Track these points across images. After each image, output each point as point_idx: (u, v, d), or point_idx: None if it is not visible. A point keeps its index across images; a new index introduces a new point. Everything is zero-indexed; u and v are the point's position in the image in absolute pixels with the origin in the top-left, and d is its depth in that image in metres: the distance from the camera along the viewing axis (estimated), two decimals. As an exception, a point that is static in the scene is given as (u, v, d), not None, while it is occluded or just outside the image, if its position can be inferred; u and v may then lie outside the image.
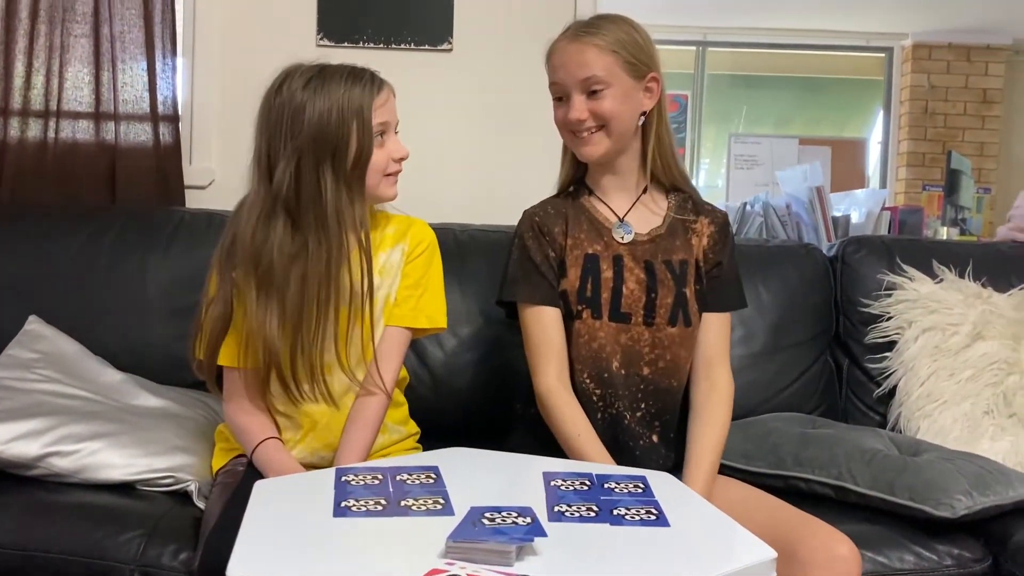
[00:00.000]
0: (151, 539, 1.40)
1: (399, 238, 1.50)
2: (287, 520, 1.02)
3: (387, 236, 1.50)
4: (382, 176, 1.43)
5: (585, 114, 1.46)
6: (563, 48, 1.48)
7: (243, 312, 1.38)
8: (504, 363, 1.93)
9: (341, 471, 1.17)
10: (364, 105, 1.38)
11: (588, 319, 1.49)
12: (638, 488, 1.16)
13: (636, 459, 1.48)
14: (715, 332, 1.54)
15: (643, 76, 1.48)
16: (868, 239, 2.22)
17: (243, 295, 1.38)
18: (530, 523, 0.97)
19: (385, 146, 1.42)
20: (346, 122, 1.37)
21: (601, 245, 1.51)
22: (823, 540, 1.28)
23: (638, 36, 1.48)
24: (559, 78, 1.49)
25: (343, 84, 1.38)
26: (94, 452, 1.51)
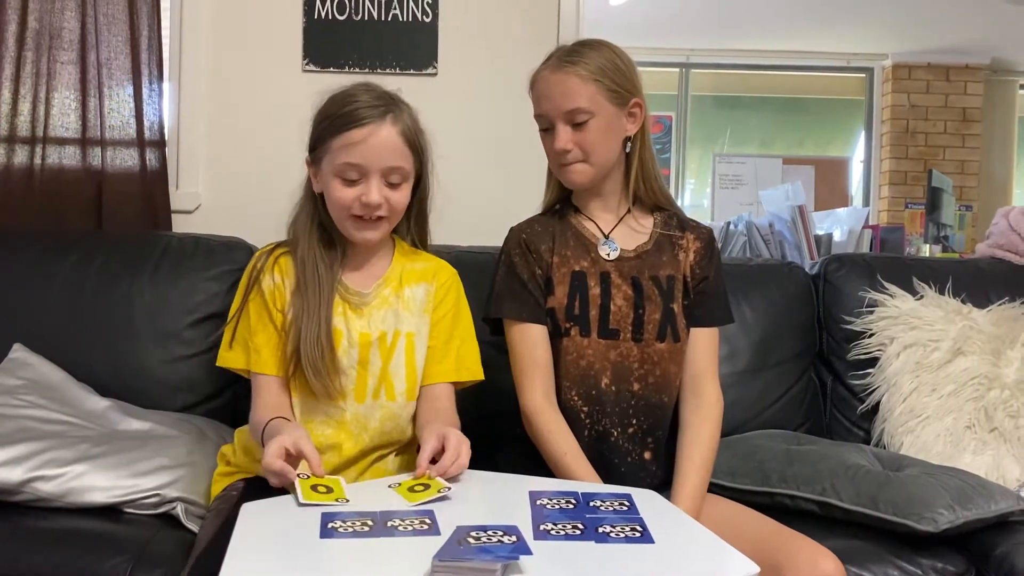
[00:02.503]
0: (138, 564, 1.39)
1: (425, 277, 1.52)
2: (274, 541, 1.02)
3: (415, 271, 1.52)
4: (347, 216, 1.42)
5: (570, 144, 1.48)
6: (546, 78, 1.50)
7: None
8: (489, 383, 1.93)
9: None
10: (339, 124, 1.39)
11: (576, 336, 1.50)
12: (623, 506, 1.17)
13: (622, 476, 1.49)
14: (703, 347, 1.55)
15: (626, 102, 1.50)
16: (850, 257, 2.24)
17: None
18: (515, 541, 0.97)
19: (356, 187, 1.40)
20: (321, 137, 1.42)
21: (588, 262, 1.52)
22: (808, 557, 1.29)
23: (620, 62, 1.50)
24: (543, 109, 1.51)
25: (351, 95, 1.41)
26: (79, 475, 1.51)
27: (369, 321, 1.47)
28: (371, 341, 1.45)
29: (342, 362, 1.43)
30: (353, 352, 1.44)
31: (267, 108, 2.34)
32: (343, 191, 1.39)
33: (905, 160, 6.21)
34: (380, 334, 1.46)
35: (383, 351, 1.45)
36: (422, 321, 1.49)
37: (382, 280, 1.49)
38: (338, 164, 1.39)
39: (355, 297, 1.46)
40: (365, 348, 1.44)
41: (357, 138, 1.37)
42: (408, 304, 1.48)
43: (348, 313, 1.46)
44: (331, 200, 1.42)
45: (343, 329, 1.44)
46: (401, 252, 1.53)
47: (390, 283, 1.48)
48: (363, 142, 1.37)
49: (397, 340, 1.46)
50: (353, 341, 1.44)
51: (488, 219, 2.27)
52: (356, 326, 1.45)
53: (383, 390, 1.45)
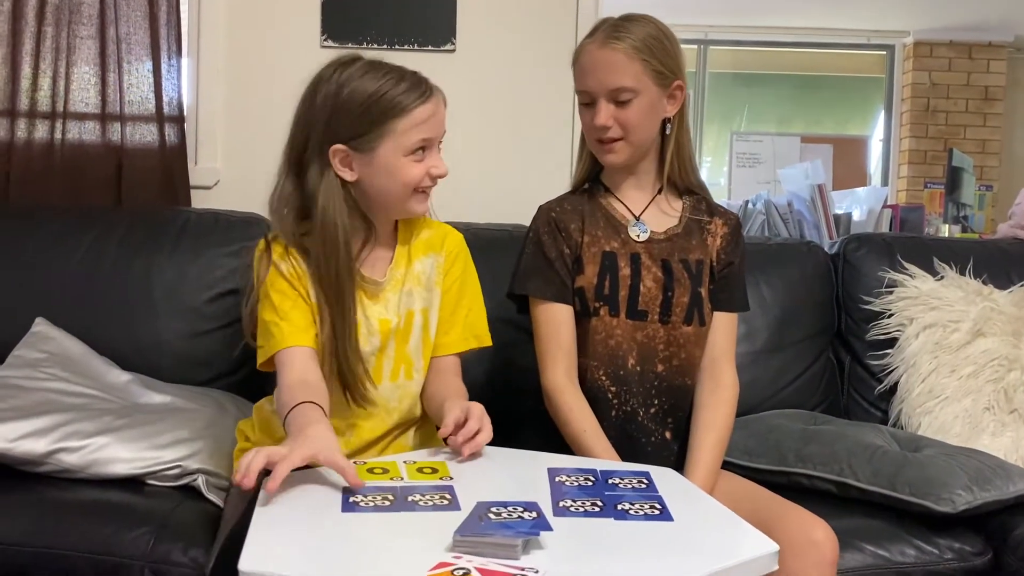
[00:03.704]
0: (160, 535, 1.41)
1: (433, 247, 1.49)
2: (296, 516, 1.03)
3: (421, 242, 1.48)
4: (412, 192, 1.38)
5: (611, 121, 1.47)
6: (591, 53, 1.48)
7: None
8: (510, 361, 1.94)
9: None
10: (401, 107, 1.33)
11: (605, 316, 1.50)
12: (642, 483, 1.18)
13: (647, 455, 1.49)
14: (722, 331, 1.56)
15: (669, 84, 1.49)
16: (869, 237, 2.23)
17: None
18: (536, 518, 0.98)
19: (424, 161, 1.37)
20: (374, 122, 1.33)
21: (618, 243, 1.52)
22: (799, 525, 1.30)
23: (666, 41, 1.49)
24: (587, 85, 1.49)
25: (386, 78, 1.34)
26: (102, 447, 1.52)
27: (386, 306, 1.43)
28: (391, 329, 1.43)
29: (364, 350, 1.40)
30: (374, 339, 1.42)
31: (285, 84, 2.30)
32: (416, 169, 1.36)
33: (925, 139, 6.15)
34: (398, 319, 1.43)
35: (398, 334, 1.44)
36: (433, 294, 1.47)
37: (393, 263, 1.46)
38: (411, 143, 1.34)
39: (371, 286, 1.42)
40: (385, 335, 1.43)
41: (427, 113, 1.35)
42: (418, 279, 1.46)
43: (364, 300, 1.42)
44: (398, 180, 1.35)
45: (362, 317, 1.41)
46: (405, 226, 1.48)
47: (400, 263, 1.46)
48: (433, 115, 1.36)
49: (412, 320, 1.45)
50: (373, 329, 1.42)
51: (505, 196, 2.30)
52: (374, 313, 1.43)
53: (401, 370, 1.45)
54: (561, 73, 2.38)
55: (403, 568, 0.85)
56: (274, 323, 1.36)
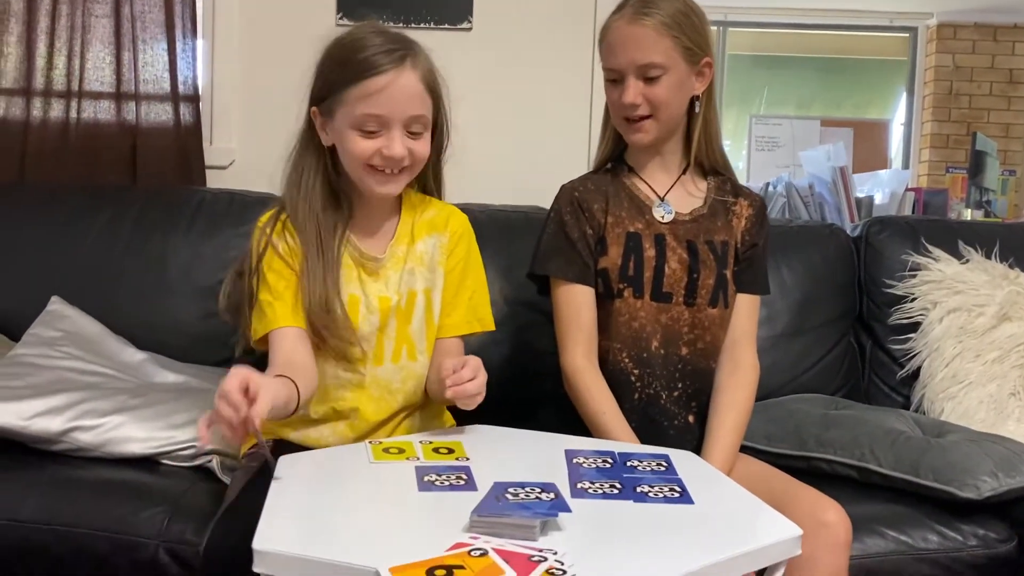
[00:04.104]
0: (174, 515, 1.40)
1: (436, 227, 1.46)
2: (310, 495, 1.02)
3: (425, 221, 1.45)
4: (364, 169, 1.33)
5: (640, 99, 1.44)
6: (620, 29, 1.45)
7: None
8: (526, 343, 1.93)
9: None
10: (353, 74, 1.29)
11: (629, 298, 1.47)
12: (661, 466, 1.16)
13: (670, 439, 1.46)
14: (744, 313, 1.53)
15: (698, 61, 1.46)
16: (892, 219, 2.19)
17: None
18: (554, 499, 0.96)
19: (377, 138, 1.31)
20: (333, 86, 1.31)
21: (643, 223, 1.50)
22: (811, 506, 1.28)
23: (695, 17, 1.46)
24: (615, 62, 1.46)
25: (359, 42, 1.30)
26: (117, 426, 1.52)
27: (387, 284, 1.40)
28: (391, 307, 1.39)
29: (362, 329, 1.38)
30: (373, 318, 1.39)
31: (301, 63, 2.29)
32: (362, 144, 1.30)
33: (947, 123, 6.06)
34: (399, 297, 1.41)
35: (400, 313, 1.42)
36: (436, 275, 1.43)
37: (394, 239, 1.43)
38: (357, 116, 1.29)
39: (370, 262, 1.39)
40: (385, 313, 1.40)
41: (377, 87, 1.28)
42: (421, 259, 1.43)
43: (364, 278, 1.39)
44: (348, 154, 1.34)
45: (360, 295, 1.38)
46: (409, 204, 1.45)
47: (402, 240, 1.43)
48: (384, 91, 1.28)
49: (414, 300, 1.42)
50: (372, 307, 1.39)
51: (522, 178, 2.28)
52: (374, 290, 1.39)
53: (404, 351, 1.42)
54: (579, 51, 2.36)
55: (420, 548, 0.84)
56: (267, 303, 1.34)
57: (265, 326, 1.33)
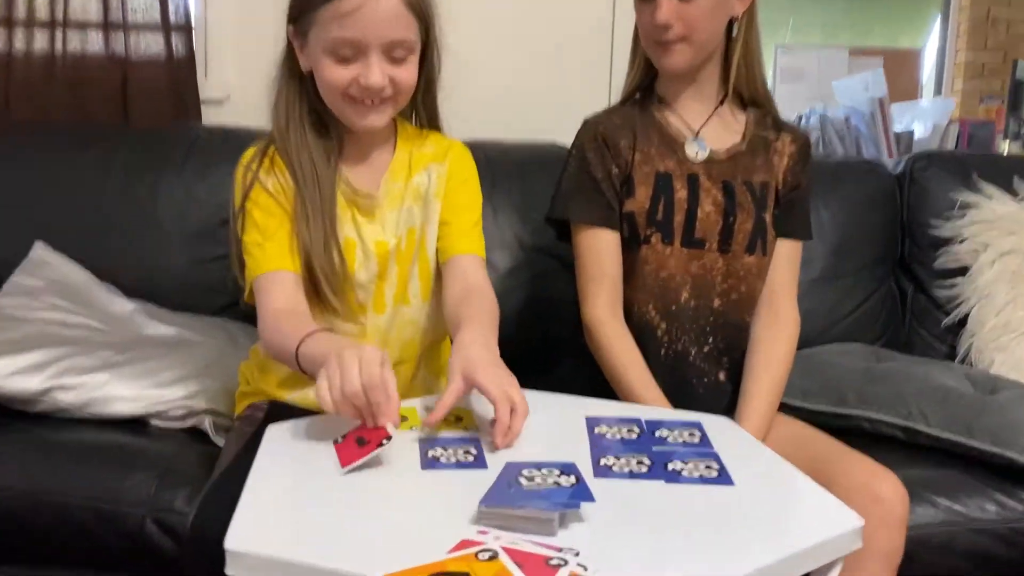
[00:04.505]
0: (163, 482, 1.30)
1: (436, 159, 1.31)
2: (295, 479, 0.90)
3: (423, 155, 1.31)
4: (341, 98, 1.18)
5: (674, 18, 1.29)
6: None
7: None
8: (543, 292, 1.81)
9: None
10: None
11: (657, 244, 1.35)
12: (693, 436, 1.03)
13: (699, 398, 1.36)
14: (784, 261, 1.40)
15: None
16: (939, 154, 2.04)
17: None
18: (575, 484, 0.84)
19: (352, 65, 1.16)
20: (305, 5, 1.17)
21: (674, 162, 1.36)
22: (864, 477, 1.17)
23: None
24: None
25: None
26: (101, 385, 1.41)
27: (384, 226, 1.27)
28: (389, 251, 1.27)
29: (359, 277, 1.25)
30: (371, 265, 1.26)
31: (299, -12, 2.15)
32: (337, 71, 1.16)
33: (983, 51, 5.76)
34: (397, 240, 1.27)
35: (399, 256, 1.28)
36: (432, 208, 1.28)
37: (388, 174, 1.28)
38: (329, 40, 1.15)
39: (364, 200, 1.25)
40: (383, 258, 1.27)
41: (350, 6, 1.13)
42: (417, 193, 1.29)
43: (359, 219, 1.26)
44: (323, 83, 1.19)
45: (355, 238, 1.24)
46: (405, 137, 1.31)
47: (398, 176, 1.28)
48: (358, 11, 1.13)
49: (414, 239, 1.29)
50: (369, 252, 1.26)
51: (537, 111, 2.11)
52: (370, 233, 1.27)
53: (401, 296, 1.30)
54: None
55: (419, 546, 0.72)
56: (256, 244, 1.21)
57: (255, 269, 1.20)
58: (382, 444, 0.92)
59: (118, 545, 1.28)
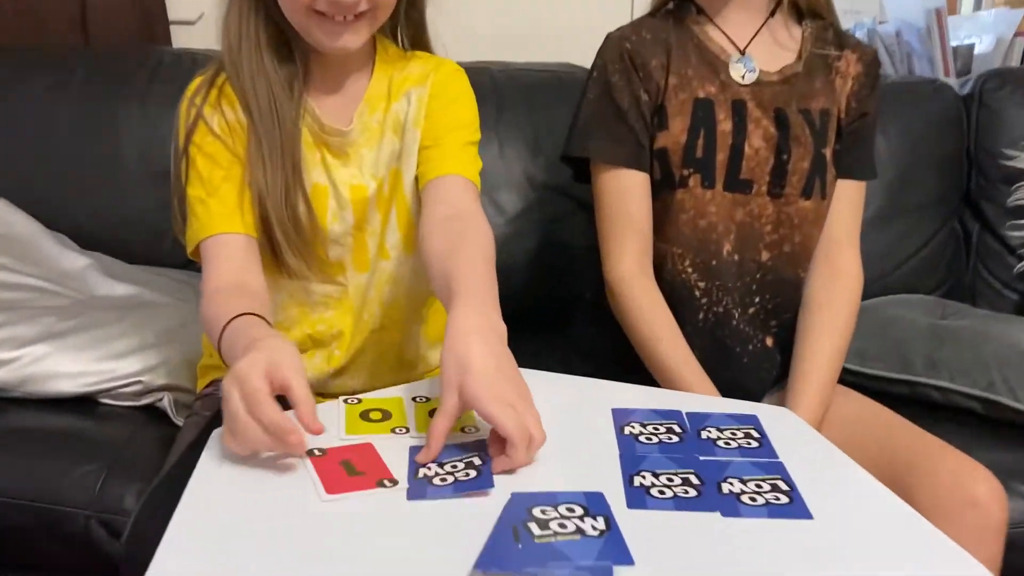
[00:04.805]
0: (111, 475, 1.12)
1: (419, 81, 1.07)
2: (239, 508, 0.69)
3: (407, 79, 1.06)
4: (306, 12, 0.96)
5: None
6: None
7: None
8: (557, 238, 1.61)
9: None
10: None
11: (696, 188, 1.13)
12: (750, 439, 0.82)
13: (742, 369, 1.17)
14: (846, 205, 1.19)
15: None
16: (1014, 72, 1.80)
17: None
18: (605, 533, 0.62)
19: None
20: None
21: (716, 87, 1.14)
22: (954, 476, 0.97)
23: None
24: None
25: None
26: (40, 358, 1.21)
27: (361, 167, 1.05)
28: (368, 196, 1.05)
29: (333, 230, 1.04)
30: (347, 214, 1.05)
31: None
32: None
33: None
34: (379, 183, 1.05)
35: (381, 202, 1.06)
36: (410, 138, 1.05)
37: (363, 105, 1.05)
38: None
39: (335, 137, 1.04)
40: (360, 206, 1.05)
41: None
42: (396, 123, 1.05)
43: (329, 160, 1.04)
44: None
45: (327, 184, 1.04)
46: (385, 59, 1.07)
47: (375, 106, 1.05)
48: None
49: (396, 181, 1.06)
50: (344, 199, 1.04)
51: (551, 27, 1.89)
52: (343, 177, 1.04)
53: (379, 249, 1.09)
54: None
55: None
56: (199, 200, 0.99)
57: (199, 231, 0.98)
58: (383, 485, 0.71)
59: (59, 550, 1.10)
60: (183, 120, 1.01)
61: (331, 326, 1.08)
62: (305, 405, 0.73)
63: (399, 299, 1.10)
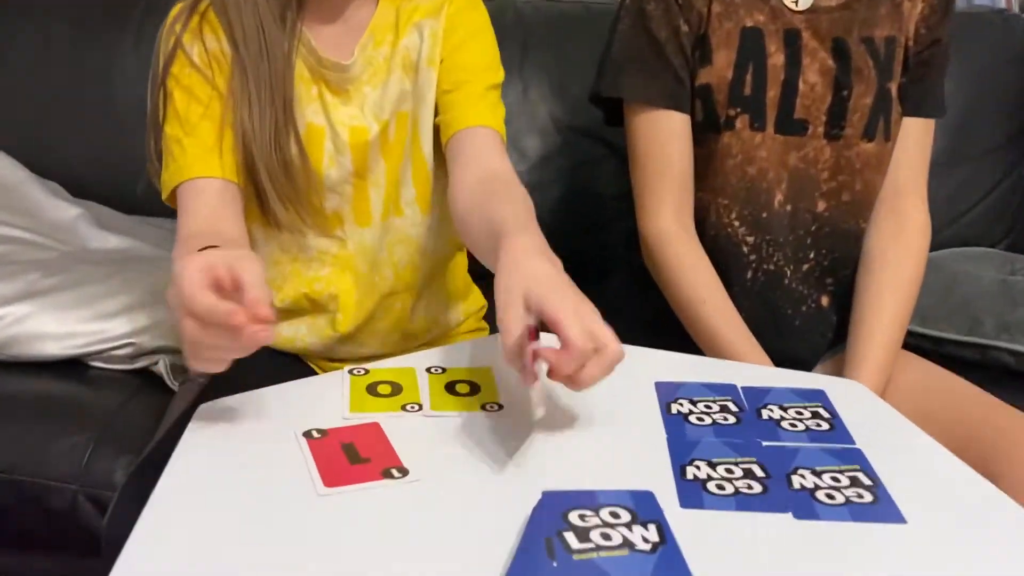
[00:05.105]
0: (100, 446, 1.03)
1: (431, 13, 0.95)
2: (226, 479, 0.58)
3: (414, 8, 0.94)
4: None
5: None
6: None
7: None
8: (587, 185, 1.48)
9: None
10: None
11: (743, 130, 1.00)
12: (819, 420, 0.70)
13: (794, 332, 1.05)
14: (913, 147, 1.06)
15: None
16: (1092, 0, 1.62)
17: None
18: (659, 547, 0.51)
19: None
20: None
21: (766, 15, 1.00)
22: None
23: None
24: None
25: None
26: (23, 318, 1.10)
27: (362, 106, 0.93)
28: (369, 140, 0.93)
29: (329, 176, 0.93)
30: (345, 160, 0.93)
31: None
32: None
33: None
34: (383, 125, 0.93)
35: (387, 149, 0.94)
36: (425, 80, 0.94)
37: (367, 35, 0.92)
38: None
39: (333, 72, 0.91)
40: (361, 150, 0.93)
41: None
42: (406, 61, 0.94)
43: (327, 97, 0.92)
44: None
45: (324, 124, 0.92)
46: None
47: (381, 38, 0.93)
48: None
49: (406, 127, 0.95)
50: (342, 143, 0.92)
51: None
52: (343, 117, 0.93)
53: (391, 204, 0.97)
54: None
55: None
56: (175, 140, 0.87)
57: (175, 174, 0.87)
58: (391, 476, 0.61)
59: (42, 527, 1.01)
60: (161, 49, 0.90)
61: (328, 285, 0.97)
62: (252, 285, 0.62)
63: (414, 261, 0.99)
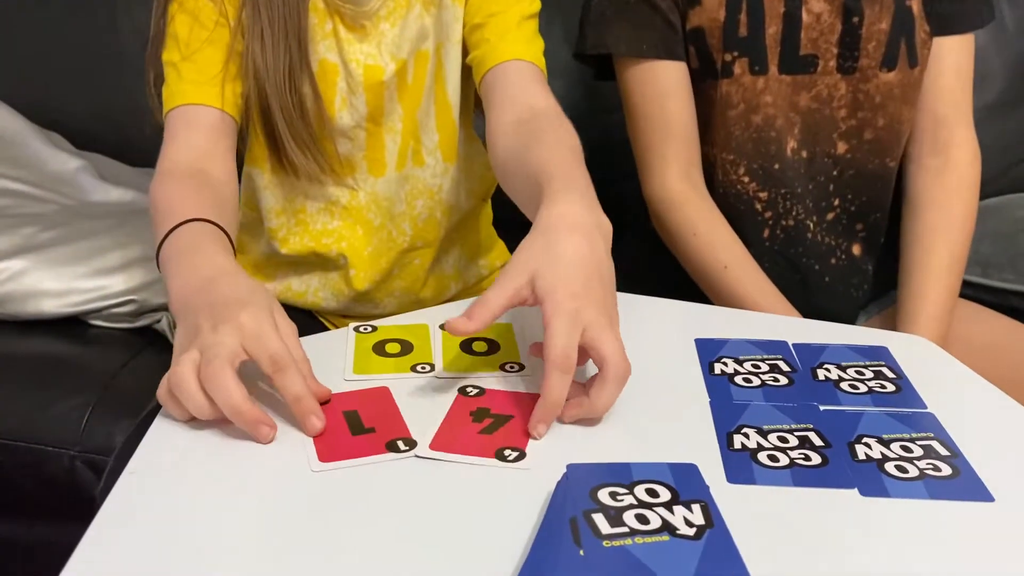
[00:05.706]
0: (98, 408, 0.97)
1: None
2: (192, 498, 0.51)
3: None
4: None
5: None
6: None
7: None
8: (609, 134, 1.36)
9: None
10: None
11: (744, 75, 0.90)
12: (883, 381, 0.62)
13: (825, 290, 0.95)
14: (951, 69, 0.94)
15: None
16: None
17: None
18: (706, 529, 0.43)
19: None
20: None
21: None
22: None
23: None
24: None
25: None
26: (18, 274, 1.04)
27: (379, 44, 0.84)
28: (383, 81, 0.84)
29: (342, 120, 0.84)
30: (358, 102, 0.84)
31: None
32: None
33: None
34: (399, 65, 0.85)
35: (404, 92, 0.86)
36: (450, 16, 0.86)
37: None
38: None
39: (349, 5, 0.83)
40: (375, 92, 0.84)
41: None
42: (437, 22, 0.85)
43: (342, 32, 0.83)
44: None
45: (337, 61, 0.84)
46: None
47: None
48: None
49: (426, 68, 0.86)
50: (356, 82, 0.84)
51: None
52: (358, 55, 0.84)
53: (410, 153, 0.88)
54: None
55: None
56: (171, 65, 0.79)
57: (168, 100, 0.79)
58: (396, 449, 0.53)
59: (39, 492, 0.96)
60: None
61: (338, 240, 0.89)
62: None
63: (435, 216, 0.91)
